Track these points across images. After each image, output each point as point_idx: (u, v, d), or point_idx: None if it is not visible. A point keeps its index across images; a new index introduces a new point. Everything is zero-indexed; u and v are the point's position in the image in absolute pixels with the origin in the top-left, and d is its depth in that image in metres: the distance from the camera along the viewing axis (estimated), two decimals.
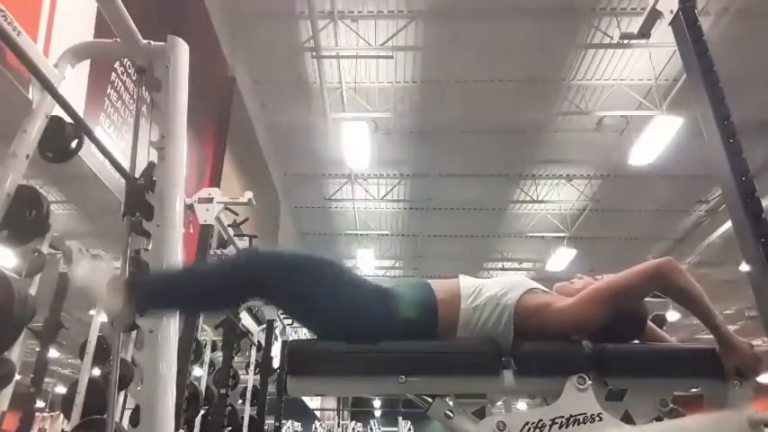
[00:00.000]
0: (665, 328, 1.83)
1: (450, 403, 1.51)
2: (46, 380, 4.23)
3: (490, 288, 1.63)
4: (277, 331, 6.69)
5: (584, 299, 1.56)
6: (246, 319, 6.43)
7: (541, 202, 10.00)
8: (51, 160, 1.51)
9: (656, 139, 6.85)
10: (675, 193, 9.31)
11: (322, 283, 1.56)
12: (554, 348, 1.53)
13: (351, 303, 1.57)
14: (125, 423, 3.59)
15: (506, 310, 1.57)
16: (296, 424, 13.14)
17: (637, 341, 1.64)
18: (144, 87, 1.44)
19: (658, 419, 1.47)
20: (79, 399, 3.48)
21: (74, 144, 1.53)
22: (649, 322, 1.72)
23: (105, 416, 1.17)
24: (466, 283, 1.67)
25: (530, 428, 1.42)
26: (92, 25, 3.33)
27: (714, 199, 9.47)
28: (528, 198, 9.94)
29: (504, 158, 8.78)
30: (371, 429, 14.39)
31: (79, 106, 3.31)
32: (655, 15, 1.92)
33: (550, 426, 1.41)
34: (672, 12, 1.79)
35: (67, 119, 1.40)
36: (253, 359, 6.25)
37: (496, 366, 1.51)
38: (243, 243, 4.95)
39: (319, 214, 11.00)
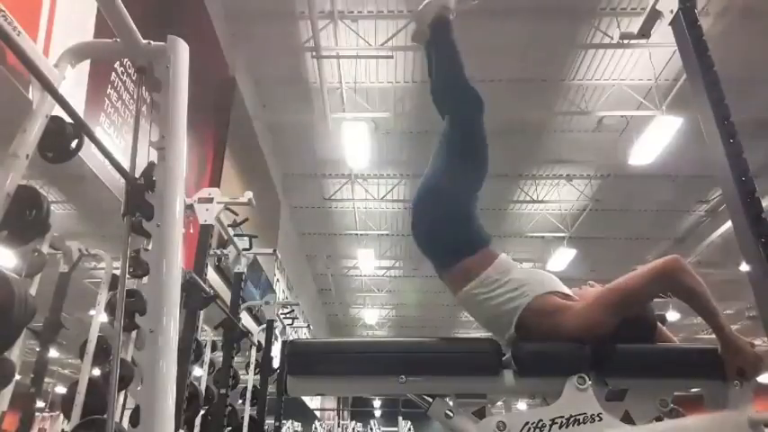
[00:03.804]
0: (664, 327, 1.83)
1: (451, 403, 1.51)
2: (46, 380, 4.22)
3: (520, 274, 1.65)
4: (277, 331, 6.69)
5: (593, 303, 1.54)
6: (246, 319, 6.44)
7: (541, 202, 10.00)
8: (51, 160, 1.51)
9: (656, 139, 6.86)
10: (675, 193, 9.31)
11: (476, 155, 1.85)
12: (554, 348, 1.53)
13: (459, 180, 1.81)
14: (125, 423, 3.59)
15: (520, 298, 1.58)
16: (296, 424, 13.14)
17: None
18: (144, 87, 1.43)
19: (658, 419, 1.47)
20: (79, 399, 3.47)
21: (74, 144, 1.52)
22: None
23: (105, 416, 1.17)
24: (506, 259, 1.70)
25: (530, 428, 1.42)
26: (92, 25, 3.33)
27: (714, 199, 9.47)
28: (528, 198, 9.95)
29: (503, 158, 8.78)
30: (371, 429, 14.39)
31: (79, 106, 3.31)
32: (655, 15, 1.92)
33: (550, 426, 1.41)
34: (672, 12, 1.79)
35: (67, 119, 1.39)
36: (253, 359, 6.25)
37: (496, 366, 1.51)
38: (243, 243, 4.96)
39: (319, 214, 11.00)
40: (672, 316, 10.30)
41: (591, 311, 1.53)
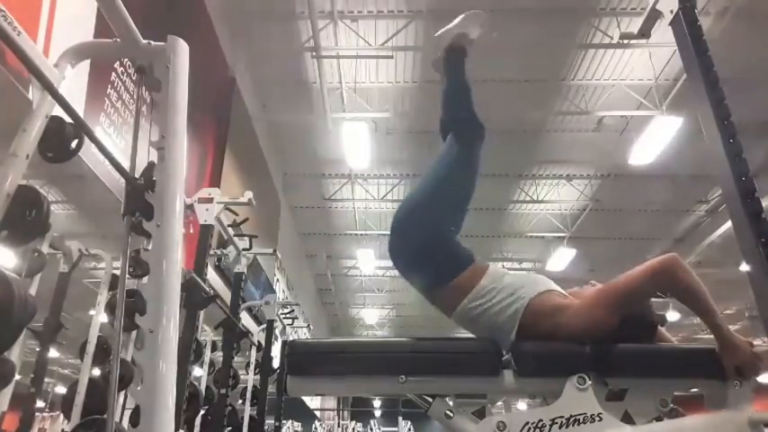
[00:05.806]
0: (664, 327, 1.83)
1: (451, 403, 1.51)
2: (46, 380, 4.22)
3: (513, 279, 1.65)
4: (277, 331, 6.69)
5: (590, 301, 1.55)
6: (246, 319, 6.44)
7: (541, 202, 10.01)
8: (51, 160, 1.51)
9: (656, 139, 6.86)
10: (675, 193, 9.32)
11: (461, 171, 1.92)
12: (554, 348, 1.53)
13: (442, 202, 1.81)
14: (125, 423, 3.59)
15: (517, 302, 1.58)
16: (296, 424, 13.13)
17: None
18: (144, 87, 1.43)
19: (658, 419, 1.47)
20: (79, 399, 3.47)
21: (74, 144, 1.52)
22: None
23: (105, 416, 1.17)
24: (496, 268, 1.71)
25: (530, 428, 1.42)
26: (92, 25, 3.33)
27: (714, 199, 9.47)
28: (528, 198, 9.95)
29: (504, 158, 8.77)
30: (371, 429, 14.39)
31: (79, 106, 3.31)
32: (655, 15, 1.92)
33: (550, 426, 1.41)
34: (672, 12, 1.79)
35: (67, 119, 1.39)
36: (253, 359, 6.24)
37: (496, 366, 1.51)
38: (243, 243, 4.96)
39: (319, 214, 10.99)
40: (672, 316, 10.30)
41: (589, 310, 1.53)
